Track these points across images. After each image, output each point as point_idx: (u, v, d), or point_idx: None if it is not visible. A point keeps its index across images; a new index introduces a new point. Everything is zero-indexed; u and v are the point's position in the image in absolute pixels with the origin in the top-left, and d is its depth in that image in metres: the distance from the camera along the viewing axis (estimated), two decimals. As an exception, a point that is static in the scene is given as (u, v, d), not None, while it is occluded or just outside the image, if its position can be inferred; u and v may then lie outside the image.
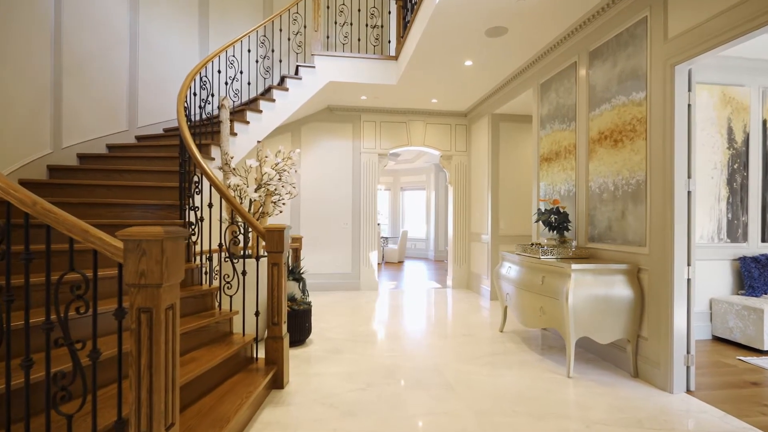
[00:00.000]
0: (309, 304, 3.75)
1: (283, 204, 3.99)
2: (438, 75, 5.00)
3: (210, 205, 2.88)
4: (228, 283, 2.80)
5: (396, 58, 5.30)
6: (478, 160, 6.34)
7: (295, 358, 3.31)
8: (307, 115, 6.30)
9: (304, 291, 3.99)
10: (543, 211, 3.67)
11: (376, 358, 3.36)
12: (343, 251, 6.49)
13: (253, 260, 3.40)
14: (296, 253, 4.86)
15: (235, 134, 4.50)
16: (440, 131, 6.75)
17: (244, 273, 2.79)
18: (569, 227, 3.60)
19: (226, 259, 2.80)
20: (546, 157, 4.33)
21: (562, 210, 3.61)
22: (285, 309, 2.79)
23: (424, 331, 4.21)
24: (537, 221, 3.81)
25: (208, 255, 2.93)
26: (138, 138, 4.58)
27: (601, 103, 3.43)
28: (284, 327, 2.78)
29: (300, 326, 3.61)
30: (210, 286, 2.93)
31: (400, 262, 10.94)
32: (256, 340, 2.83)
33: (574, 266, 2.94)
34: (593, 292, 2.93)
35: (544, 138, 4.37)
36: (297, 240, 4.97)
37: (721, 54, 3.71)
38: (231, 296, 2.82)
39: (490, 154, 5.83)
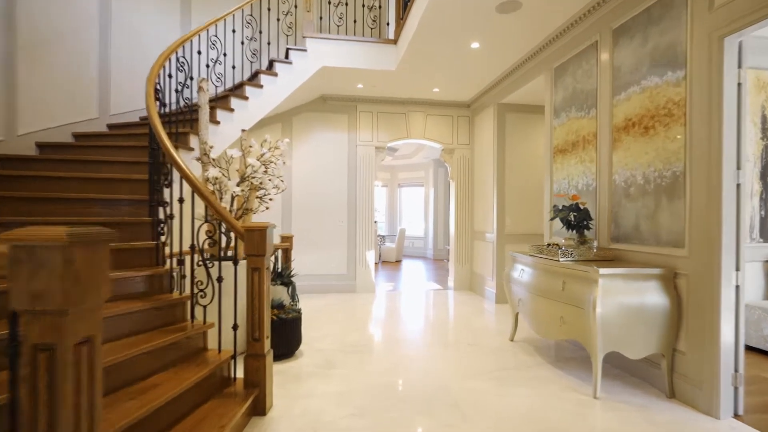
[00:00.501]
0: (299, 311, 3.35)
1: (270, 200, 3.58)
2: (441, 60, 4.60)
3: (180, 201, 2.47)
4: (201, 290, 2.39)
5: (395, 41, 4.89)
6: (482, 153, 5.95)
7: (281, 375, 2.91)
8: (298, 104, 5.87)
9: (293, 296, 3.58)
10: (560, 208, 3.29)
11: (372, 374, 2.97)
12: (338, 251, 6.08)
13: (234, 264, 2.97)
14: (286, 253, 4.46)
15: (218, 122, 4.07)
16: (441, 123, 6.34)
17: (219, 279, 2.38)
18: (590, 225, 3.21)
19: (200, 263, 2.40)
20: (561, 149, 3.94)
21: (582, 206, 3.22)
22: (268, 322, 2.39)
23: (426, 339, 3.82)
24: (552, 219, 3.42)
25: (179, 258, 2.52)
26: (110, 126, 4.14)
27: (628, 86, 3.04)
28: (267, 343, 2.37)
29: (288, 337, 3.21)
30: (181, 294, 2.52)
31: (398, 262, 10.55)
32: (234, 357, 2.42)
33: (602, 271, 2.56)
34: (624, 301, 2.55)
35: (558, 128, 3.99)
36: (287, 239, 4.56)
37: (754, 34, 3.34)
38: (205, 306, 2.42)
39: (495, 146, 5.43)
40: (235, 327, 2.37)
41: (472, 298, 5.79)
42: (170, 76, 3.44)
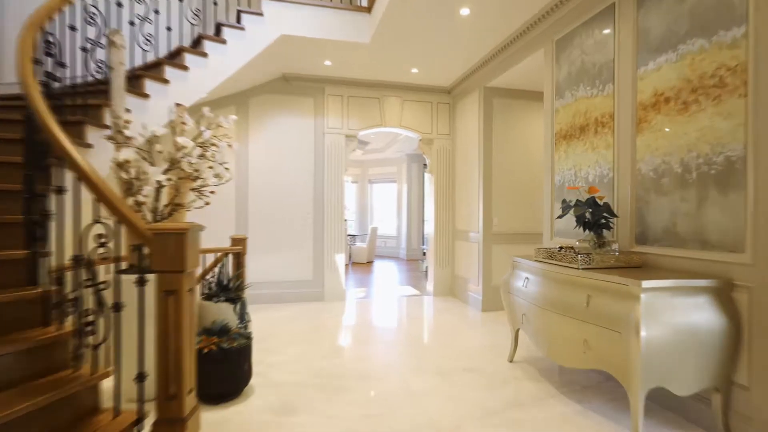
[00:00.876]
0: (248, 336, 2.59)
1: (211, 192, 2.79)
2: (423, 31, 3.93)
3: (59, 191, 1.67)
4: (89, 323, 1.61)
5: (369, 9, 4.18)
6: (466, 143, 5.34)
7: (219, 429, 2.14)
8: (256, 84, 5.05)
9: (242, 317, 2.81)
10: (572, 203, 2.70)
11: (347, 420, 2.26)
12: (303, 253, 5.31)
13: (138, 283, 2.14)
14: (238, 259, 3.66)
15: (147, 96, 3.23)
16: (420, 110, 5.69)
17: (117, 307, 1.60)
18: (611, 224, 2.64)
19: (88, 281, 1.62)
20: (565, 134, 3.37)
21: (600, 201, 2.64)
22: (191, 368, 1.63)
23: (410, 365, 3.14)
24: (562, 216, 2.84)
25: (57, 274, 1.72)
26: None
27: (659, 53, 2.48)
28: (189, 400, 1.62)
29: (233, 372, 2.44)
30: (59, 330, 1.71)
31: (370, 263, 9.85)
32: (139, 422, 1.65)
33: (645, 284, 1.97)
34: (673, 322, 1.97)
35: (562, 110, 3.41)
36: (239, 242, 3.76)
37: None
38: (96, 346, 1.63)
39: (481, 135, 4.83)
40: (140, 377, 1.60)
41: (455, 305, 5.18)
42: (73, 28, 2.59)
